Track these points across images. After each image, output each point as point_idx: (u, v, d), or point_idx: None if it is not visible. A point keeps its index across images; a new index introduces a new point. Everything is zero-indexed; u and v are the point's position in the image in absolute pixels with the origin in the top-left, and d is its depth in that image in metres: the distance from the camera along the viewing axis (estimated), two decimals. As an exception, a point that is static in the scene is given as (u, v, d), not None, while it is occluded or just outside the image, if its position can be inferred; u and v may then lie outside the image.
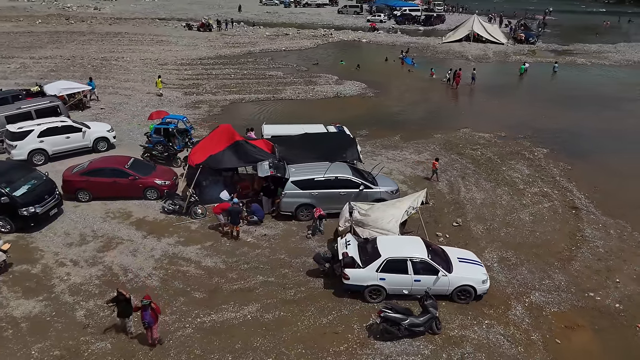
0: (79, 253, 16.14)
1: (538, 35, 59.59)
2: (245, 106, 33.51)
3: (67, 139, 23.06)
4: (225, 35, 61.30)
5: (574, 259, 16.18)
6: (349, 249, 14.18)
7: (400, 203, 15.77)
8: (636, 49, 55.02)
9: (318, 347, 12.45)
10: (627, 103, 35.05)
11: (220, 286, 14.71)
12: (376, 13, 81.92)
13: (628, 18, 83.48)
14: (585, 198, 20.31)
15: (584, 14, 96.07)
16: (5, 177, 17.20)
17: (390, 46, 58.31)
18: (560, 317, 13.59)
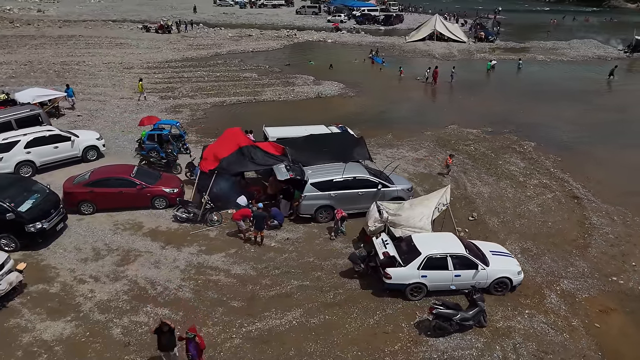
0: (97, 268, 15.31)
1: (497, 33, 61.81)
2: (229, 109, 32.91)
3: (55, 149, 21.83)
4: (186, 37, 60.04)
5: (589, 246, 16.92)
6: (388, 248, 14.20)
7: (427, 201, 15.94)
8: (588, 44, 58.23)
9: (372, 348, 12.40)
10: (593, 97, 37.05)
11: (256, 293, 14.36)
12: (336, 13, 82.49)
13: (573, 16, 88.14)
14: (582, 187, 21.28)
15: (528, 12, 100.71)
16: (7, 192, 16.07)
17: (356, 46, 58.96)
18: (593, 302, 14.18)
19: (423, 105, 34.87)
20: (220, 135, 19.86)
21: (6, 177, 17.56)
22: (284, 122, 28.69)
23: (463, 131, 28.49)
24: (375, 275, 14.88)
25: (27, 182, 17.34)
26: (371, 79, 41.69)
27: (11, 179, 17.36)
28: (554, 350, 12.38)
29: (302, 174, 17.72)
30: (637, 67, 49.79)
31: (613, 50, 55.39)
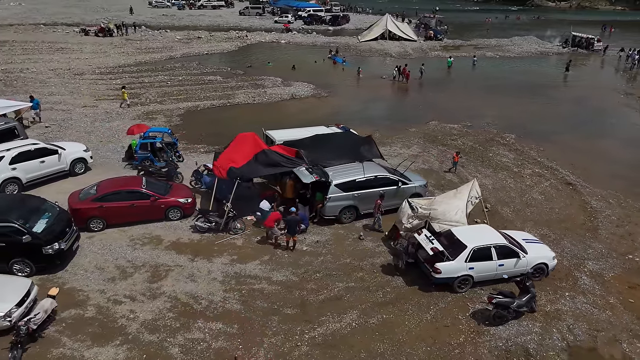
0: (129, 287, 14.44)
1: (445, 32, 64.22)
2: (205, 113, 32.01)
3: (41, 163, 20.29)
4: (131, 41, 57.68)
5: (598, 229, 18.10)
6: (435, 243, 14.46)
7: (459, 194, 16.35)
8: (529, 41, 61.91)
9: (439, 343, 12.61)
10: (549, 90, 39.47)
11: (306, 299, 14.14)
12: (282, 14, 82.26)
13: (505, 15, 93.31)
14: (572, 174, 22.69)
15: (461, 12, 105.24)
16: (17, 212, 14.78)
17: (311, 46, 59.15)
18: (620, 280, 15.19)
19: (398, 103, 35.67)
20: (232, 140, 19.24)
21: (13, 196, 16.13)
22: (266, 124, 28.37)
23: (445, 127, 29.43)
24: (415, 270, 15.15)
25: (34, 200, 15.97)
26: (338, 79, 41.99)
27: (18, 198, 16.01)
28: (604, 328, 13.17)
29: (326, 175, 17.61)
30: (582, 61, 53.27)
31: (552, 46, 59.22)
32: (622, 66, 48.37)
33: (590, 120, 31.66)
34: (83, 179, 21.24)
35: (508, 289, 13.85)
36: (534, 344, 12.58)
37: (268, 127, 27.44)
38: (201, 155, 24.70)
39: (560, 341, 12.70)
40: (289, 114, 31.86)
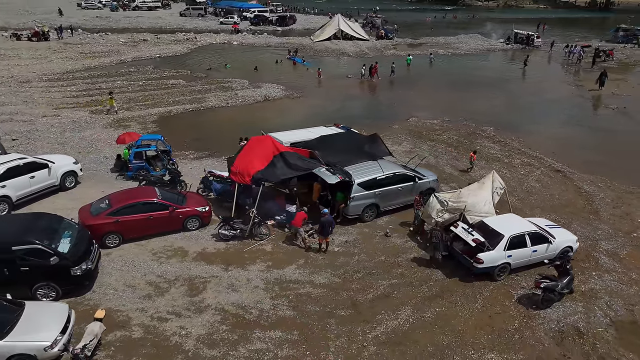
0: (170, 303, 13.75)
1: (396, 31, 65.80)
2: (180, 119, 30.99)
3: (31, 179, 18.83)
4: (70, 45, 54.85)
5: (598, 211, 19.37)
6: (476, 235, 14.89)
7: (484, 186, 16.89)
8: (474, 38, 64.84)
9: (497, 329, 13.02)
10: (508, 84, 41.64)
11: (355, 299, 14.10)
12: (226, 15, 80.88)
13: (443, 14, 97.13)
14: (557, 162, 24.10)
15: (399, 11, 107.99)
16: (38, 233, 13.63)
17: (265, 47, 58.68)
18: (634, 257, 16.34)
19: (372, 101, 36.17)
20: (246, 145, 18.75)
21: (27, 216, 14.79)
22: (248, 126, 28.27)
23: (425, 122, 30.27)
24: (450, 263, 15.55)
25: (51, 218, 14.74)
26: (304, 79, 41.89)
27: (32, 217, 14.67)
28: (637, 302, 14.15)
29: (349, 175, 17.60)
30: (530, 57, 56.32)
31: (496, 43, 62.34)
32: (568, 60, 51.53)
33: (554, 111, 33.70)
34: (75, 194, 20.02)
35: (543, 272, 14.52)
36: (582, 322, 13.29)
37: (252, 129, 27.25)
38: (193, 162, 23.99)
39: (604, 317, 13.50)
40: (268, 116, 31.48)
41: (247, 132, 27.40)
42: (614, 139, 28.01)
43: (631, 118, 31.82)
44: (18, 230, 13.42)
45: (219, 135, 27.76)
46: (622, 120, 31.45)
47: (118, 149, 25.19)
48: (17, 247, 12.90)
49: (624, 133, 29.07)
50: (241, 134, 28.24)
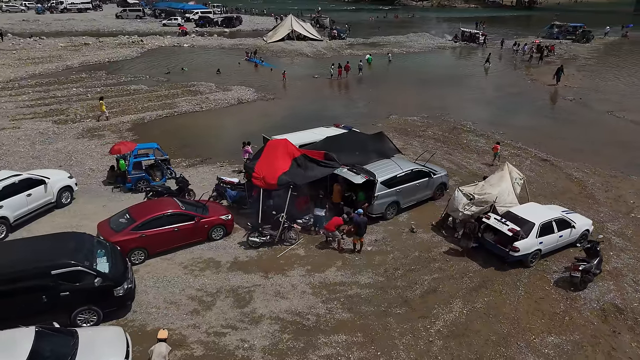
0: (220, 316, 13.24)
1: (348, 30, 66.54)
2: (157, 125, 29.96)
3: (28, 197, 17.44)
4: (4, 51, 51.41)
5: (594, 195, 20.68)
6: (510, 224, 15.44)
7: (502, 178, 17.50)
8: (423, 37, 66.89)
9: (547, 314, 13.60)
10: (469, 80, 43.39)
11: (405, 296, 14.21)
12: (167, 17, 78.42)
13: (384, 14, 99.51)
14: (542, 152, 25.44)
15: (339, 11, 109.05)
16: (77, 254, 12.66)
17: (219, 49, 57.65)
18: (638, 235, 17.64)
19: (348, 100, 36.40)
20: (263, 150, 18.30)
21: (56, 237, 13.57)
22: (233, 130, 28.14)
23: (407, 119, 30.95)
24: (479, 253, 16.07)
25: (81, 237, 13.67)
26: (271, 81, 41.36)
27: (63, 237, 13.52)
28: (659, 275, 15.33)
29: (372, 174, 17.67)
30: (479, 53, 58.83)
31: (445, 41, 64.67)
32: (518, 57, 54.16)
33: (520, 104, 35.44)
34: (74, 210, 18.82)
35: (578, 256, 15.35)
36: (618, 299, 14.17)
37: (236, 133, 27.15)
38: (188, 169, 23.16)
39: (635, 293, 14.47)
40: (248, 119, 31.00)
41: (233, 135, 27.23)
42: (581, 128, 29.96)
43: (590, 108, 34.18)
44: (53, 253, 12.37)
45: (205, 141, 26.98)
46: (582, 110, 33.71)
47: (102, 160, 23.90)
48: (56, 270, 11.89)
49: (587, 122, 31.19)
50: (226, 138, 27.77)
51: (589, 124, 30.79)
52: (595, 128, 29.93)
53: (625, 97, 37.27)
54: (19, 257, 12.03)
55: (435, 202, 19.76)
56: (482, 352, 12.21)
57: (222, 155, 24.87)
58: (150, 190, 18.87)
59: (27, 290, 11.69)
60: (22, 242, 12.90)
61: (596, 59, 53.70)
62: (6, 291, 11.49)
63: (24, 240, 13.09)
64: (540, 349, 12.34)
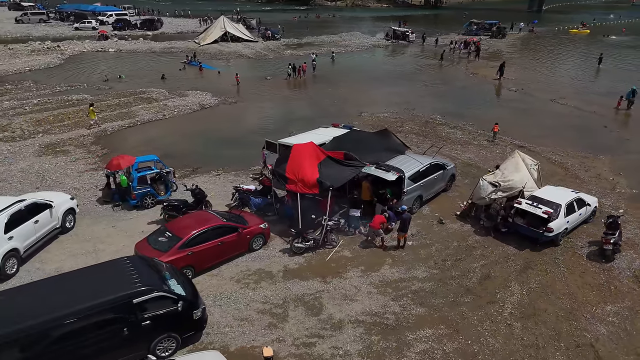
0: (299, 326, 12.89)
1: (282, 31, 66.22)
2: (122, 136, 28.38)
3: (35, 224, 15.69)
4: None
5: (578, 176, 22.57)
6: (544, 207, 16.46)
7: (518, 165, 18.53)
8: (356, 36, 68.32)
9: (595, 286, 14.71)
10: (418, 75, 45.20)
11: (465, 285, 14.68)
12: (77, 20, 73.17)
13: (306, 14, 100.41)
14: (514, 139, 27.30)
15: (258, 12, 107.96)
16: (152, 278, 11.68)
17: (149, 53, 55.08)
18: (632, 207, 19.52)
19: (313, 100, 36.22)
20: (290, 154, 17.83)
21: (118, 262, 12.24)
22: (209, 137, 27.35)
23: (379, 116, 31.66)
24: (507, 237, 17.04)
25: (142, 260, 12.51)
26: (224, 84, 40.00)
27: (126, 262, 12.21)
28: (671, 241, 17.15)
29: (401, 170, 17.96)
30: (414, 50, 61.36)
31: (378, 39, 66.53)
32: (454, 53, 56.71)
33: (473, 97, 37.49)
34: (82, 234, 17.37)
35: (600, 230, 16.78)
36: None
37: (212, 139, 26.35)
38: (183, 179, 21.81)
39: (656, 259, 16.15)
40: (220, 125, 30.15)
41: (212, 142, 26.60)
42: (535, 116, 32.40)
43: (534, 97, 37.09)
44: (125, 280, 11.24)
45: (186, 150, 25.73)
46: (529, 99, 36.50)
47: (81, 177, 22.05)
48: (138, 299, 10.86)
49: (538, 110, 33.76)
50: (206, 145, 26.73)
51: (539, 111, 33.41)
52: (547, 115, 32.56)
53: (558, 86, 40.93)
54: (89, 290, 10.79)
55: (447, 193, 20.47)
56: (559, 328, 12.99)
57: (211, 163, 23.93)
58: (168, 205, 17.64)
59: (106, 325, 10.57)
60: (80, 275, 11.54)
61: (517, 52, 58.37)
62: (84, 328, 10.28)
63: (80, 272, 11.71)
64: (605, 318, 13.38)
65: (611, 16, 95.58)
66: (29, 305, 10.19)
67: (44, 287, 10.89)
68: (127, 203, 19.02)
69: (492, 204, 17.79)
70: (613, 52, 56.01)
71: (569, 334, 12.79)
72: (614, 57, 52.69)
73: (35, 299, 10.41)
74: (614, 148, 26.35)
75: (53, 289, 10.75)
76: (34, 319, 9.72)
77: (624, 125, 30.98)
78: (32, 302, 10.30)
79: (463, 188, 20.99)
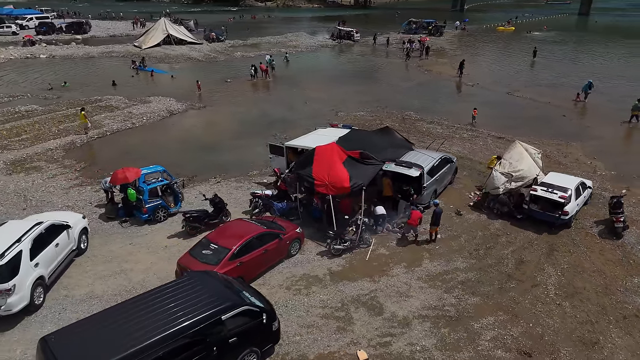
0: (369, 327, 12.91)
1: (225, 32, 64.76)
2: (98, 148, 27.12)
3: (56, 247, 14.46)
4: None
5: (560, 161, 24.21)
6: (559, 192, 17.49)
7: (522, 155, 19.52)
8: (301, 36, 68.36)
9: (616, 261, 15.90)
10: (376, 73, 46.06)
11: (504, 271, 15.32)
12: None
13: (240, 14, 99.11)
14: (491, 131, 28.70)
15: (188, 13, 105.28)
16: (231, 291, 11.26)
17: (87, 59, 52.21)
18: (618, 187, 21.25)
19: (283, 101, 35.77)
20: (315, 156, 17.62)
21: (186, 281, 11.47)
22: (191, 144, 26.57)
23: (356, 115, 31.94)
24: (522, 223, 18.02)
25: (208, 275, 11.86)
26: (183, 89, 38.27)
27: (194, 279, 11.53)
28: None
29: (421, 166, 18.35)
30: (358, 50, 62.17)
31: (325, 40, 66.85)
32: (408, 53, 57.66)
33: (435, 92, 38.96)
34: (101, 255, 16.40)
35: (604, 211, 18.14)
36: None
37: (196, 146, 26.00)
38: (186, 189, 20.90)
39: (657, 231, 17.73)
40: (197, 132, 29.11)
41: (197, 148, 25.97)
42: (498, 108, 34.13)
43: (491, 90, 39.11)
44: (208, 297, 10.66)
45: (173, 158, 24.47)
46: (487, 93, 38.43)
47: (67, 195, 20.61)
48: (227, 314, 10.38)
49: (499, 102, 35.60)
50: (192, 152, 25.78)
51: (501, 104, 35.34)
52: (509, 107, 34.52)
53: (507, 79, 43.45)
54: (177, 311, 10.11)
55: (452, 185, 21.19)
56: (602, 303, 13.94)
57: (205, 171, 23.20)
58: (190, 217, 16.82)
59: (197, 345, 9.96)
60: (156, 296, 10.72)
61: (459, 49, 61.11)
62: (177, 350, 9.63)
63: (154, 294, 10.85)
64: (636, 289, 14.53)
65: (527, 14, 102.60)
66: (123, 331, 9.40)
67: (125, 312, 10.03)
68: (135, 218, 17.92)
69: (500, 195, 18.58)
70: (542, 47, 60.16)
71: (613, 308, 13.75)
72: (545, 51, 56.64)
73: (125, 324, 9.60)
74: (579, 135, 28.43)
75: (137, 312, 9.94)
76: (136, 345, 8.98)
77: (580, 114, 33.49)
78: (125, 327, 9.50)
79: (464, 180, 21.81)
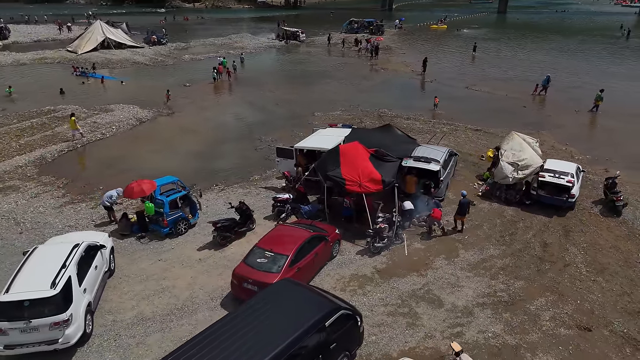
0: (435, 319, 13.22)
1: (165, 35, 62.23)
2: (75, 162, 25.79)
3: (95, 269, 13.49)
4: None
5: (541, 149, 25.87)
6: (566, 177, 18.70)
7: (522, 145, 20.61)
8: (245, 37, 66.96)
9: (625, 236, 17.35)
10: (337, 73, 46.02)
11: (535, 255, 16.22)
12: None
13: (172, 16, 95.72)
14: (467, 124, 30.02)
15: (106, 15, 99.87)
16: (324, 297, 11.04)
17: (19, 66, 48.25)
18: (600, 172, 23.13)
19: (255, 104, 35.16)
20: (340, 156, 17.59)
21: (275, 291, 11.04)
22: (177, 152, 26.00)
23: (332, 114, 31.98)
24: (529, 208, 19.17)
25: (292, 284, 11.56)
26: (146, 95, 36.44)
27: (283, 288, 11.16)
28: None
29: (437, 160, 18.89)
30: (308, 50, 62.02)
31: (271, 40, 66.08)
32: (361, 52, 57.91)
33: (398, 89, 39.83)
34: (134, 275, 15.45)
35: (601, 192, 19.68)
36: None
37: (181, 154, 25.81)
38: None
39: (652, 207, 19.48)
40: (177, 140, 27.84)
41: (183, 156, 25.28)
42: (463, 102, 35.47)
43: (450, 85, 40.59)
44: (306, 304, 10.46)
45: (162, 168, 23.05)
46: (448, 88, 39.68)
47: (62, 214, 19.27)
48: (329, 320, 10.21)
49: (463, 97, 36.99)
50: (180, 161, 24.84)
51: (464, 98, 36.90)
52: (472, 101, 36.12)
53: (460, 74, 45.47)
54: (283, 321, 9.81)
55: (454, 177, 21.97)
56: (629, 275, 15.20)
57: (202, 180, 22.31)
58: (220, 227, 16.21)
59: (307, 354, 9.72)
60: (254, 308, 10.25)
61: (404, 48, 62.97)
62: None
63: (252, 306, 10.34)
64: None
65: (456, 14, 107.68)
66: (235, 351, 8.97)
67: (227, 332, 9.51)
68: (152, 232, 17.01)
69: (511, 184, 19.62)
70: (478, 44, 63.66)
71: (639, 278, 15.04)
72: (482, 48, 59.78)
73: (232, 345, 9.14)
74: (544, 124, 30.48)
75: (240, 331, 9.48)
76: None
77: (538, 105, 35.83)
78: (235, 347, 9.05)
79: (462, 172, 22.70)
